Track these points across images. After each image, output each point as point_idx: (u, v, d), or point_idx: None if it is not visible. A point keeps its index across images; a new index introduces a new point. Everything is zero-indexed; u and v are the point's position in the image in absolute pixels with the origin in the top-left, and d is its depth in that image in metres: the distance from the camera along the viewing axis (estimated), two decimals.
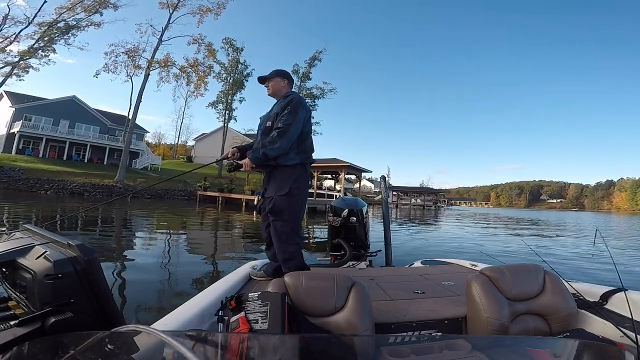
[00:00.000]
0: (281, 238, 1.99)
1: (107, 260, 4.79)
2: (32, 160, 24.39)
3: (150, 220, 11.91)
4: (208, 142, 42.56)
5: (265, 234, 2.16)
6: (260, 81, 2.26)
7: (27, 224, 1.18)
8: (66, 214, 10.34)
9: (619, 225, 26.04)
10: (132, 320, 2.62)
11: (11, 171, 20.48)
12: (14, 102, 27.96)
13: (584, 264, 6.10)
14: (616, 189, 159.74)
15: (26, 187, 19.63)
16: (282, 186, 2.00)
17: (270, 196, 2.02)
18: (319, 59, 33.38)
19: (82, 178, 22.44)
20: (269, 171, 2.10)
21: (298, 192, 2.04)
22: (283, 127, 1.96)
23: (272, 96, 2.24)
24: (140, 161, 33.35)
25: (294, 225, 2.04)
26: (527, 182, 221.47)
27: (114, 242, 6.76)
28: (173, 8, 26.94)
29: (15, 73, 26.19)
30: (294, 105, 2.03)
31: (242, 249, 7.07)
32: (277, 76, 2.21)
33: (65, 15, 25.75)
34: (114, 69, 26.07)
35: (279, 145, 1.95)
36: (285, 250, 1.99)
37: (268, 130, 2.06)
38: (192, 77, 27.97)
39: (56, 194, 19.56)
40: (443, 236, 11.42)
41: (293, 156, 2.03)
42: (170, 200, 22.48)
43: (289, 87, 2.24)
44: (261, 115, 2.31)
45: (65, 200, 17.10)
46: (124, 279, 3.97)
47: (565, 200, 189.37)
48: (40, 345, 0.69)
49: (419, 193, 52.67)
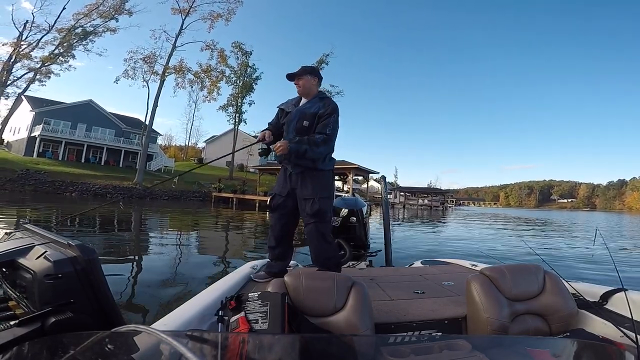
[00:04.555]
0: (324, 239, 2.04)
1: (113, 258, 4.83)
2: (53, 164, 25.41)
3: (166, 220, 12.20)
4: (218, 144, 43.33)
5: (279, 233, 2.14)
6: (289, 78, 2.21)
7: (27, 224, 1.20)
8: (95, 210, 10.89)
9: (631, 224, 25.46)
10: (132, 320, 2.65)
11: (37, 174, 21.54)
12: (33, 107, 28.87)
13: (584, 264, 6.11)
14: (628, 188, 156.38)
15: (52, 189, 20.64)
16: (323, 189, 2.07)
17: (310, 197, 2.02)
18: (325, 62, 33.62)
19: (103, 180, 23.43)
20: (300, 171, 2.08)
21: (333, 196, 2.23)
22: (330, 136, 2.02)
23: (303, 94, 2.20)
24: (154, 164, 34.14)
25: (331, 227, 2.19)
26: (537, 182, 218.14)
27: (127, 241, 6.77)
28: (185, 14, 27.61)
29: (38, 78, 27.42)
30: (337, 114, 2.09)
31: (253, 249, 7.24)
32: (307, 74, 2.17)
33: (83, 21, 26.89)
34: (133, 75, 27.05)
35: (321, 150, 2.01)
36: (328, 250, 2.07)
37: (303, 130, 2.06)
38: (206, 82, 28.84)
39: (80, 196, 20.50)
40: (445, 236, 11.41)
41: (328, 162, 2.14)
42: (185, 202, 23.23)
43: (318, 85, 2.22)
44: (280, 104, 2.29)
45: (90, 201, 18.07)
46: (126, 279, 3.99)
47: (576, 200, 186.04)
48: (40, 345, 0.69)
49: (427, 193, 52.72)
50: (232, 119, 34.86)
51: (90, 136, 30.80)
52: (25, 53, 25.43)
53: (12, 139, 30.61)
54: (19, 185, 19.88)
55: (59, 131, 28.95)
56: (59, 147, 29.00)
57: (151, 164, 33.82)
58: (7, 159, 23.94)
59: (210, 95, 29.61)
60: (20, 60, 25.82)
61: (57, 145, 28.99)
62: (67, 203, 15.76)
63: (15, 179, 20.28)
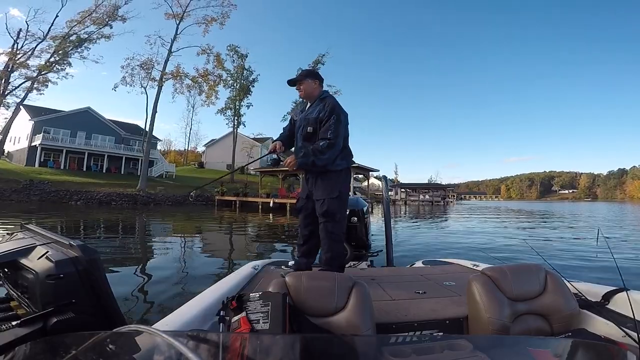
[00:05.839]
0: (332, 238, 2.08)
1: (116, 260, 4.89)
2: (56, 173, 25.54)
3: (170, 225, 12.29)
4: (218, 147, 43.41)
5: (305, 232, 2.21)
6: (291, 84, 2.23)
7: (29, 224, 1.19)
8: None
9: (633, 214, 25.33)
10: (134, 320, 2.68)
11: (41, 184, 21.72)
12: (32, 115, 28.82)
13: (586, 263, 6.11)
14: (629, 177, 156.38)
15: (57, 199, 20.84)
16: (332, 190, 2.10)
17: (321, 198, 2.09)
18: (322, 62, 33.71)
19: (107, 188, 23.59)
20: (315, 174, 2.15)
21: (346, 196, 2.18)
22: (332, 140, 2.03)
23: (305, 98, 2.24)
24: (155, 169, 34.14)
25: (342, 226, 2.18)
26: (538, 174, 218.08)
27: (132, 244, 6.87)
28: (179, 19, 27.62)
29: (35, 87, 27.48)
30: (337, 113, 2.07)
31: (255, 250, 7.33)
32: (307, 77, 2.19)
33: (76, 28, 26.88)
34: (131, 82, 27.23)
35: (327, 156, 2.04)
36: (335, 250, 2.10)
37: (309, 136, 2.11)
38: (204, 86, 28.95)
39: (86, 204, 20.65)
40: (446, 235, 11.41)
41: (339, 162, 2.14)
42: (189, 206, 23.40)
43: (320, 87, 2.23)
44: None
45: (95, 209, 18.16)
46: (128, 279, 4.00)
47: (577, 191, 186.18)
48: (42, 346, 0.69)
49: (427, 189, 52.85)
50: (231, 122, 35.00)
51: (90, 144, 30.84)
52: (22, 62, 25.49)
53: (12, 149, 30.62)
54: (24, 196, 20.07)
55: (59, 140, 28.96)
56: (60, 155, 29.03)
57: (152, 170, 33.80)
58: (10, 169, 24.11)
59: (208, 100, 29.81)
60: (17, 69, 25.90)
61: (58, 154, 29.02)
62: (74, 212, 15.90)
63: (20, 189, 20.47)
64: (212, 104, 30.74)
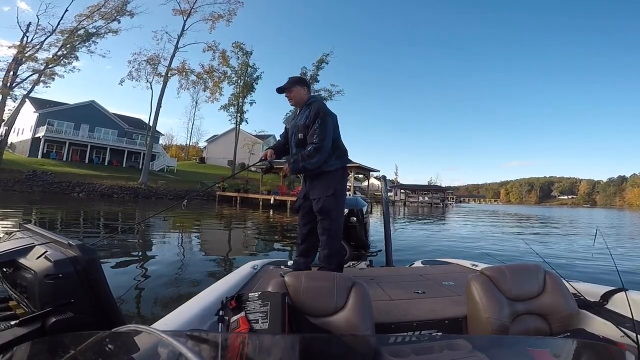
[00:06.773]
0: (329, 235, 2.13)
1: (115, 258, 4.88)
2: (58, 164, 25.74)
3: (170, 219, 12.25)
4: (220, 143, 43.61)
5: (304, 231, 2.27)
6: (279, 92, 2.28)
7: (27, 224, 1.19)
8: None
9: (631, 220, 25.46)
10: (133, 320, 2.66)
11: (44, 175, 21.94)
12: (37, 108, 29.08)
13: (585, 263, 6.12)
14: (628, 184, 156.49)
15: (60, 190, 21.03)
16: (327, 188, 2.16)
17: (317, 197, 2.16)
18: (326, 61, 33.65)
19: (109, 181, 23.80)
20: (311, 176, 2.23)
21: (342, 193, 2.23)
22: (318, 143, 2.09)
23: (295, 105, 2.32)
24: (157, 163, 34.29)
25: (339, 223, 2.23)
26: (538, 179, 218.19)
27: (131, 240, 6.78)
28: (186, 15, 27.78)
29: (42, 80, 27.63)
30: (322, 117, 2.12)
31: (255, 249, 7.33)
32: (295, 85, 2.24)
33: (85, 22, 27.05)
34: (137, 77, 27.32)
35: (316, 160, 2.11)
36: (332, 247, 2.14)
37: (301, 142, 2.19)
38: (208, 83, 29.10)
39: (87, 196, 20.84)
40: (445, 235, 11.51)
41: (333, 162, 2.20)
42: (190, 201, 23.58)
43: (308, 93, 2.30)
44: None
45: (96, 201, 18.36)
46: (127, 279, 3.99)
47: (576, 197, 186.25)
48: (41, 345, 0.69)
49: (427, 191, 53.02)
50: (234, 118, 35.11)
51: (93, 137, 31.06)
52: (30, 55, 25.66)
53: (15, 140, 30.82)
54: (27, 187, 20.25)
55: (62, 132, 29.23)
56: (62, 147, 29.27)
57: (154, 164, 33.99)
58: (13, 160, 24.27)
59: (213, 96, 29.90)
60: (25, 62, 26.06)
61: (61, 146, 29.26)
62: (76, 203, 16.07)
63: (23, 180, 20.66)
64: (216, 100, 30.88)
